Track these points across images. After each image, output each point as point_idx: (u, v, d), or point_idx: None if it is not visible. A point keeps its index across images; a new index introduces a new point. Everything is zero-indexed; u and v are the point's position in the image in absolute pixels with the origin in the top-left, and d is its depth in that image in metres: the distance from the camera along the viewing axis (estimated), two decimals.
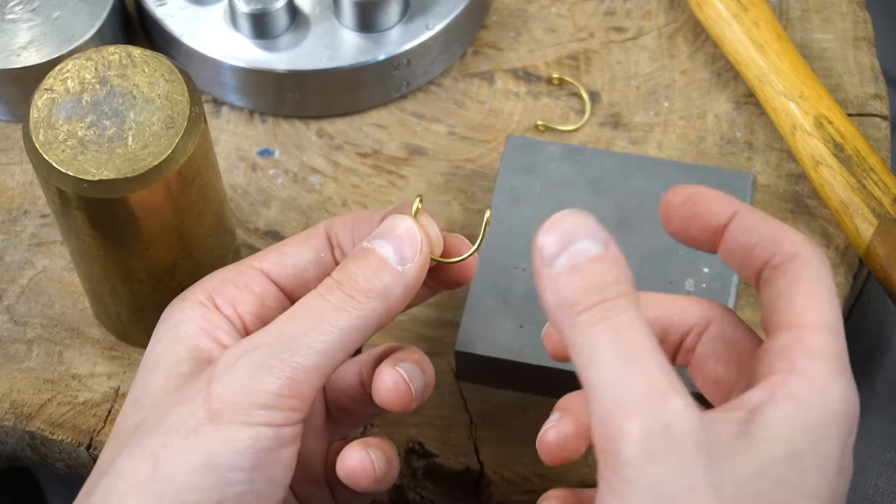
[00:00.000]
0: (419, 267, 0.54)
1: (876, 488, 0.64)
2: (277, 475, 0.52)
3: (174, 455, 0.51)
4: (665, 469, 0.45)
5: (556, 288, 0.47)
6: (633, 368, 0.46)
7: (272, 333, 0.53)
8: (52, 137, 0.57)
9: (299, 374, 0.52)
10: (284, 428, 0.52)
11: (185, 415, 0.51)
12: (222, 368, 0.52)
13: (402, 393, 0.55)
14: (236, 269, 0.57)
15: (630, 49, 0.78)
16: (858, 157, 0.69)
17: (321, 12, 0.75)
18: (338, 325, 0.53)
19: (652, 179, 0.70)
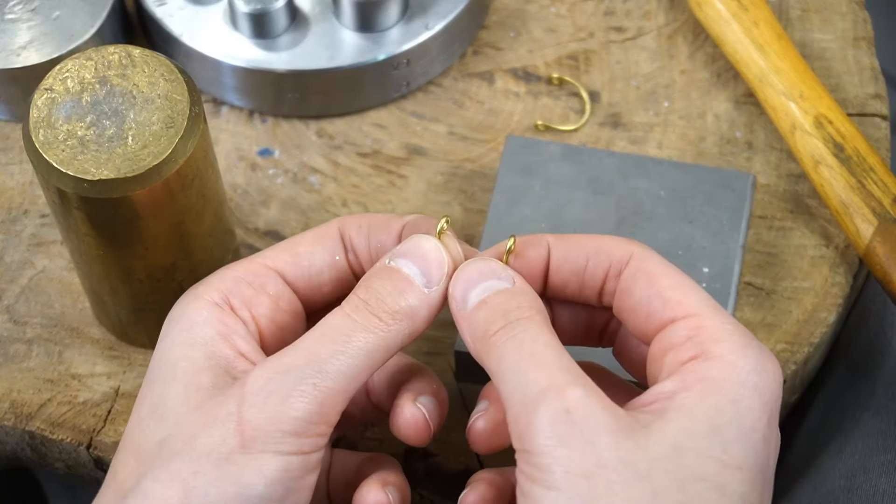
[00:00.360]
0: (444, 290, 0.54)
1: (876, 489, 0.64)
2: (302, 501, 0.52)
3: (205, 483, 0.50)
4: (572, 449, 0.47)
5: (470, 324, 0.53)
6: (533, 372, 0.49)
7: (301, 355, 0.52)
8: (52, 137, 0.57)
9: (329, 398, 0.51)
10: (312, 455, 0.51)
11: (216, 440, 0.51)
12: (253, 391, 0.51)
13: (421, 430, 0.55)
14: (250, 269, 0.56)
15: (630, 49, 0.78)
16: (858, 156, 0.69)
17: (321, 12, 0.75)
18: (365, 348, 0.52)
19: (652, 179, 0.70)
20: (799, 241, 0.71)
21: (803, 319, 0.69)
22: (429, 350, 0.69)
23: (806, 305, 0.69)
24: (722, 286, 0.67)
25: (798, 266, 0.71)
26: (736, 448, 0.49)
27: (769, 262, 0.71)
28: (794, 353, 0.68)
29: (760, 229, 0.72)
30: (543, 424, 0.48)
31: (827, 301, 0.70)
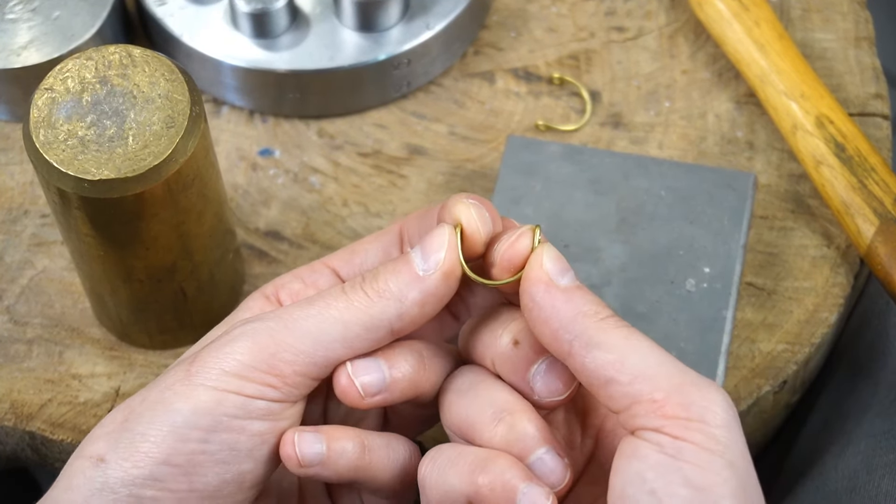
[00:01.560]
0: (442, 275, 0.53)
1: (879, 490, 0.64)
2: (241, 444, 0.52)
3: (143, 408, 0.52)
4: (741, 438, 0.49)
5: (570, 298, 0.51)
6: (678, 363, 0.50)
7: (278, 312, 0.53)
8: (53, 137, 0.57)
9: (283, 352, 0.52)
10: (256, 401, 0.52)
11: (168, 375, 0.53)
12: (218, 337, 0.53)
13: (346, 389, 0.53)
14: (309, 267, 0.58)
15: (631, 49, 0.78)
16: (860, 156, 0.69)
17: (321, 12, 0.75)
18: (342, 318, 0.52)
19: (653, 179, 0.70)
20: (800, 241, 0.71)
21: (804, 320, 0.69)
22: None
23: (807, 305, 0.69)
24: (723, 286, 0.67)
25: (799, 266, 0.71)
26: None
27: (770, 262, 0.71)
28: (796, 353, 0.68)
29: (761, 229, 0.72)
30: (723, 404, 0.49)
31: (828, 301, 0.70)
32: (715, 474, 0.47)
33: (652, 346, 0.50)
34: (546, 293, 0.51)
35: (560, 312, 0.51)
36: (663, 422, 0.48)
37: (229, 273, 0.67)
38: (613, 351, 0.49)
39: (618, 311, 0.66)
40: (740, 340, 0.68)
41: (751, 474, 0.49)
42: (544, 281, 0.51)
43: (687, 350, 0.65)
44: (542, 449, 0.51)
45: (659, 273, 0.67)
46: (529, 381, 0.53)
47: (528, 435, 0.51)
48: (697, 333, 0.66)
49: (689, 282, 0.67)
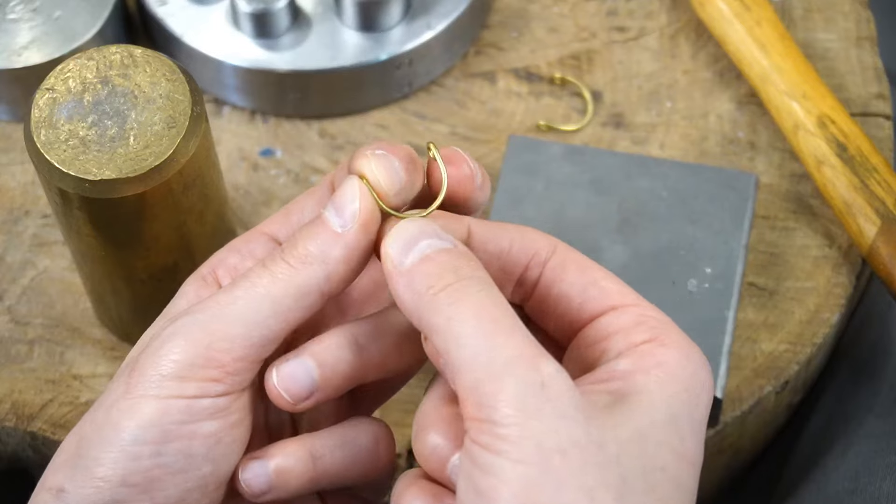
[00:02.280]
0: (360, 226, 0.51)
1: (881, 491, 0.64)
2: (195, 449, 0.50)
3: (92, 432, 0.50)
4: (547, 424, 0.45)
5: (409, 281, 0.48)
6: (500, 339, 0.46)
7: (204, 303, 0.51)
8: (54, 137, 0.57)
9: (218, 342, 0.50)
10: (201, 400, 0.50)
11: (110, 391, 0.51)
12: (151, 340, 0.51)
13: (275, 398, 0.52)
14: (243, 238, 0.56)
15: (632, 49, 0.78)
16: (861, 156, 0.69)
17: (323, 12, 0.75)
18: (270, 294, 0.50)
19: (654, 179, 0.70)
20: (802, 241, 0.71)
21: (806, 320, 0.69)
22: None
23: (809, 306, 0.69)
24: (724, 286, 0.67)
25: (801, 266, 0.71)
26: (690, 441, 0.48)
27: (772, 262, 0.71)
28: (797, 353, 0.68)
29: (763, 229, 0.72)
30: (515, 395, 0.45)
31: (830, 301, 0.69)
32: (495, 478, 0.45)
33: (476, 323, 0.47)
34: (392, 282, 0.49)
35: (402, 299, 0.49)
36: (468, 424, 0.46)
37: None
38: (439, 336, 0.47)
39: None
40: (742, 341, 0.68)
41: (554, 467, 0.45)
42: (388, 269, 0.50)
43: None
44: (454, 457, 0.49)
45: (660, 273, 0.67)
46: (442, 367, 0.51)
47: (437, 447, 0.50)
48: (699, 334, 0.66)
49: (690, 282, 0.67)
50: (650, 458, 0.47)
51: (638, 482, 0.46)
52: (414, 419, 0.52)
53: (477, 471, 0.45)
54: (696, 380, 0.49)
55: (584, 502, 0.44)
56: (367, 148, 0.52)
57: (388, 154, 0.51)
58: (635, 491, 0.46)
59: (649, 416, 0.47)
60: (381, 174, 0.51)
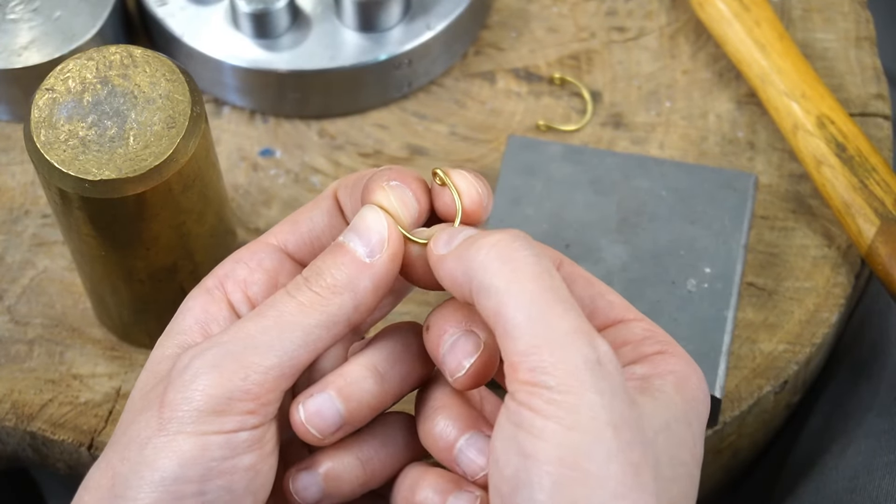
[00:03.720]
0: (389, 257, 0.51)
1: (880, 490, 0.64)
2: (236, 484, 0.50)
3: (127, 470, 0.49)
4: (603, 398, 0.46)
5: (465, 247, 0.49)
6: (559, 309, 0.47)
7: (231, 332, 0.50)
8: (54, 137, 0.57)
9: (254, 374, 0.49)
10: (239, 434, 0.49)
11: (141, 425, 0.50)
12: (177, 373, 0.50)
13: (304, 435, 0.51)
14: (249, 248, 0.55)
15: (632, 49, 0.78)
16: (860, 157, 0.69)
17: (322, 12, 0.75)
18: (300, 323, 0.50)
19: (654, 179, 0.70)
20: (801, 241, 0.71)
21: (805, 320, 0.69)
22: None
23: (808, 306, 0.69)
24: (724, 286, 0.67)
25: (800, 266, 0.71)
26: (699, 445, 0.50)
27: (771, 262, 0.71)
28: (797, 353, 0.68)
29: (762, 229, 0.72)
30: (575, 366, 0.46)
31: (829, 301, 0.70)
32: (544, 441, 0.46)
33: (536, 290, 0.47)
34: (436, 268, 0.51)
35: (454, 264, 0.49)
36: (516, 387, 0.47)
37: None
38: (493, 298, 0.48)
39: None
40: (741, 340, 0.68)
41: (606, 439, 0.46)
42: (433, 261, 0.51)
43: (688, 350, 0.65)
44: (462, 439, 0.51)
45: (660, 273, 0.67)
46: (441, 361, 0.51)
47: (445, 430, 0.51)
48: (698, 333, 0.66)
49: (689, 282, 0.67)
50: (676, 450, 0.48)
51: (667, 469, 0.48)
52: (415, 407, 0.53)
53: (523, 433, 0.46)
54: (700, 391, 0.51)
55: (630, 475, 0.46)
56: (380, 178, 0.52)
57: (402, 185, 0.52)
58: (664, 477, 0.47)
59: (672, 412, 0.49)
60: (399, 205, 0.52)
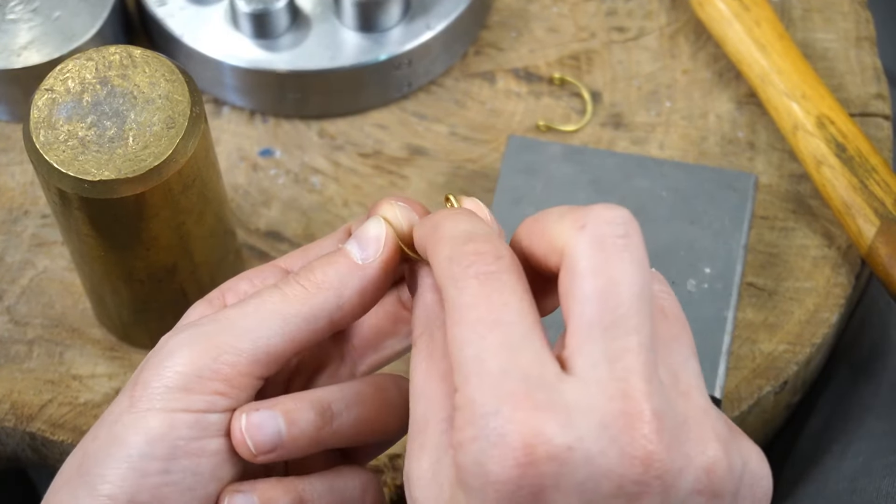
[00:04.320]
0: (381, 263, 0.51)
1: (879, 491, 0.64)
2: (202, 467, 0.49)
3: (96, 448, 0.49)
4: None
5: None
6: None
7: (212, 316, 0.51)
8: (53, 138, 0.57)
9: (226, 355, 0.49)
10: (208, 415, 0.49)
11: (114, 405, 0.50)
12: (153, 352, 0.50)
13: (238, 444, 0.50)
14: (257, 269, 0.55)
15: (632, 49, 0.77)
16: (860, 157, 0.69)
17: (322, 12, 0.75)
18: (280, 312, 0.50)
19: (654, 180, 0.70)
20: (801, 241, 0.71)
21: (805, 320, 0.69)
22: None
23: (808, 306, 0.69)
24: (724, 287, 0.67)
25: (800, 266, 0.71)
26: None
27: (771, 262, 0.71)
28: (796, 353, 0.68)
29: (762, 229, 0.72)
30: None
31: (829, 301, 0.69)
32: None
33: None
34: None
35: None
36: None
37: (230, 273, 0.67)
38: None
39: None
40: (741, 341, 0.68)
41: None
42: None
43: None
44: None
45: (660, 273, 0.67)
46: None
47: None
48: (698, 334, 0.66)
49: (689, 282, 0.67)
50: None
51: None
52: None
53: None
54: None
55: None
56: (388, 198, 0.52)
57: (407, 206, 0.52)
58: None
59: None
60: (404, 220, 0.52)
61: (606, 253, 0.44)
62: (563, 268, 0.45)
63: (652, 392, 0.43)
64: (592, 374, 0.43)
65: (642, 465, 0.42)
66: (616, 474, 0.42)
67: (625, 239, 0.44)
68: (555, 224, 0.46)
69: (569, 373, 0.43)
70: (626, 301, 0.44)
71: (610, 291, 0.44)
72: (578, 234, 0.44)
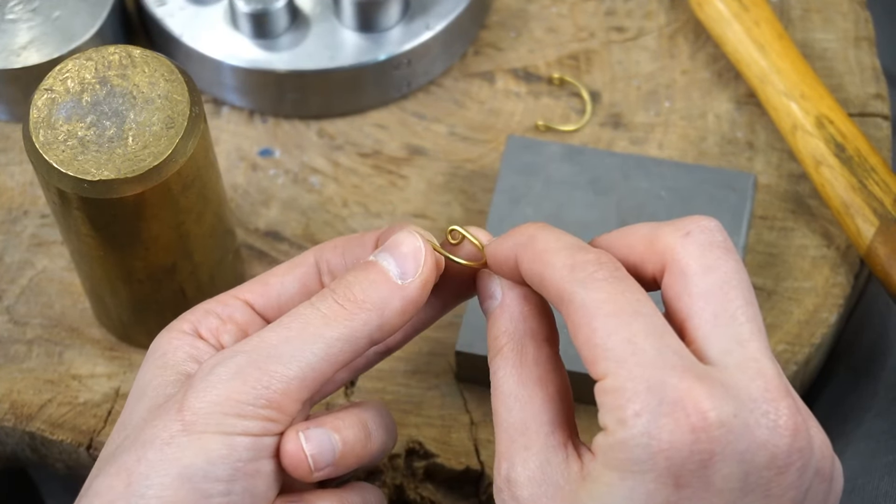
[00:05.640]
0: (422, 282, 0.52)
1: (878, 490, 0.64)
2: (258, 488, 0.50)
3: (147, 468, 0.49)
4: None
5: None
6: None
7: (254, 342, 0.51)
8: (52, 138, 0.57)
9: (276, 383, 0.50)
10: (263, 438, 0.50)
11: (159, 428, 0.50)
12: (198, 378, 0.50)
13: (298, 463, 0.51)
14: (219, 300, 0.55)
15: (631, 49, 0.78)
16: (859, 157, 0.69)
17: (321, 12, 0.75)
18: (323, 335, 0.50)
19: (653, 180, 0.70)
20: (800, 241, 0.71)
21: (804, 320, 0.69)
22: (430, 350, 0.69)
23: (807, 306, 0.69)
24: None
25: (799, 266, 0.71)
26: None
27: (770, 262, 0.71)
28: (796, 353, 0.68)
29: (761, 229, 0.72)
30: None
31: (828, 301, 0.70)
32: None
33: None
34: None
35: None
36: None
37: (229, 273, 0.67)
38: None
39: None
40: None
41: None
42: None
43: None
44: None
45: None
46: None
47: None
48: None
49: None
50: None
51: None
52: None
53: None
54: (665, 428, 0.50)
55: None
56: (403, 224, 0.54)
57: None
58: None
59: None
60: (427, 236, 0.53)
61: (715, 254, 0.48)
62: (670, 271, 0.48)
63: (779, 373, 0.47)
64: (729, 359, 0.46)
65: (791, 436, 0.46)
66: (771, 444, 0.45)
67: (725, 242, 0.49)
68: (652, 235, 0.49)
69: (703, 361, 0.47)
70: (740, 294, 0.48)
71: (725, 287, 0.48)
72: (685, 240, 0.49)
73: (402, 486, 0.67)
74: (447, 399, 0.68)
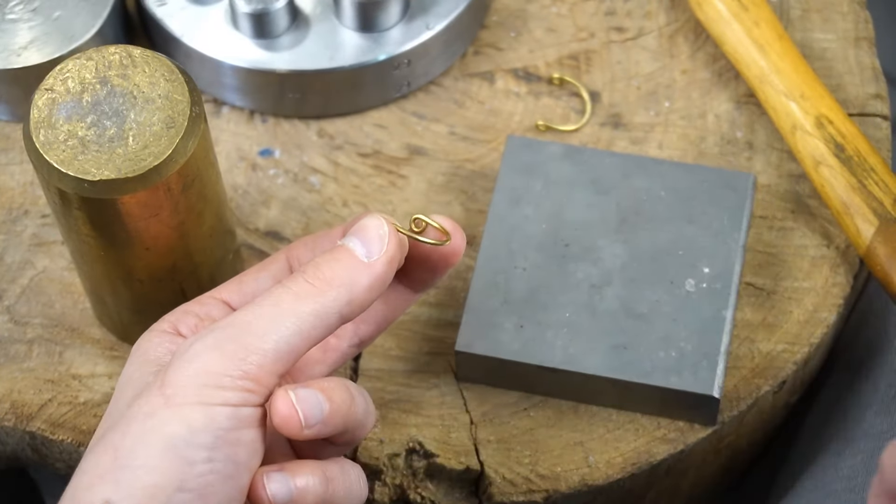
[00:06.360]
0: (387, 259, 0.55)
1: None
2: (240, 456, 0.52)
3: (132, 441, 0.51)
4: None
5: None
6: None
7: (229, 319, 0.53)
8: (53, 137, 0.57)
9: (252, 355, 0.52)
10: (242, 408, 0.52)
11: (141, 404, 0.52)
12: (177, 356, 0.53)
13: (289, 419, 0.53)
14: (198, 301, 0.58)
15: (631, 49, 0.78)
16: (859, 157, 0.69)
17: (322, 12, 0.75)
18: (295, 311, 0.53)
19: (653, 179, 0.70)
20: (799, 241, 0.71)
21: (804, 320, 0.69)
22: (430, 350, 0.69)
23: (807, 305, 0.69)
24: (722, 286, 0.67)
25: (799, 266, 0.71)
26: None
27: (770, 262, 0.71)
28: (795, 353, 0.68)
29: (761, 229, 0.72)
30: None
31: (827, 301, 0.70)
32: None
33: None
34: None
35: None
36: None
37: (229, 273, 0.67)
38: None
39: (618, 311, 0.67)
40: (740, 340, 0.69)
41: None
42: None
43: (686, 350, 0.66)
44: None
45: (659, 273, 0.68)
46: None
47: None
48: (697, 333, 0.66)
49: (688, 282, 0.67)
50: None
51: None
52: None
53: None
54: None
55: None
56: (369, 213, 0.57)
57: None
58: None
59: None
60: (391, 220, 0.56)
61: None
62: None
63: None
64: None
65: None
66: None
67: None
68: None
69: None
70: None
71: None
72: None
73: (402, 486, 0.67)
74: (447, 399, 0.68)
